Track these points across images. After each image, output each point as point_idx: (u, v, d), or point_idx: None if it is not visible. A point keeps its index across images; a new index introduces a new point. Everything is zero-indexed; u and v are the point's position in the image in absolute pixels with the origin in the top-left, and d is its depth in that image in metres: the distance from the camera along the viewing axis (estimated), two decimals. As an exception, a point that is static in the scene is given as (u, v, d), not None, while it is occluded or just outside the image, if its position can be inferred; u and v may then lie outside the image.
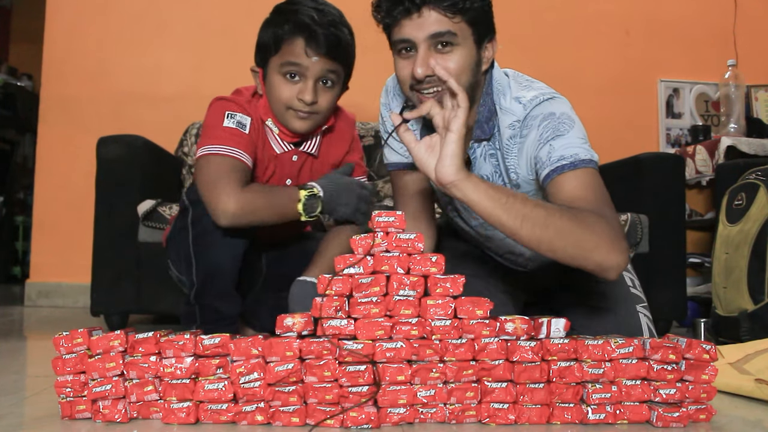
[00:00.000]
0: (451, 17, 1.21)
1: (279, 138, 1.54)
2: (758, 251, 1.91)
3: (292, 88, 1.45)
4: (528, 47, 3.06)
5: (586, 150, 1.23)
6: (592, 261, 1.12)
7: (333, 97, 1.50)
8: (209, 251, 1.45)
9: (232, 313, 1.50)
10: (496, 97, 1.33)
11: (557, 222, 1.09)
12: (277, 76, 1.46)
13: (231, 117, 1.46)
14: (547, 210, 1.10)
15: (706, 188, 3.11)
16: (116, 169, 2.14)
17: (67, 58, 3.03)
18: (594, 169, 1.22)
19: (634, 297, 1.45)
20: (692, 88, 3.22)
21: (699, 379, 1.03)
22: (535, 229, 1.09)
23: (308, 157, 1.60)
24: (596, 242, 1.10)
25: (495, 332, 1.02)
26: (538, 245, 1.11)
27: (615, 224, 1.15)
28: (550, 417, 1.02)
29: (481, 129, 1.34)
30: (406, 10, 1.21)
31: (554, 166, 1.21)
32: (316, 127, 1.54)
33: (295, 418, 1.00)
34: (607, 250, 1.11)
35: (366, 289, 1.02)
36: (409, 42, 1.24)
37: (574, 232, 1.09)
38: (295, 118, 1.48)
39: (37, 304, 2.98)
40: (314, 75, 1.44)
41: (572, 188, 1.19)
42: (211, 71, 3.01)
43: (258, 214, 1.40)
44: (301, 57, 1.43)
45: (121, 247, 2.12)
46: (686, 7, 3.23)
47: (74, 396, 1.03)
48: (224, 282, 1.48)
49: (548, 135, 1.25)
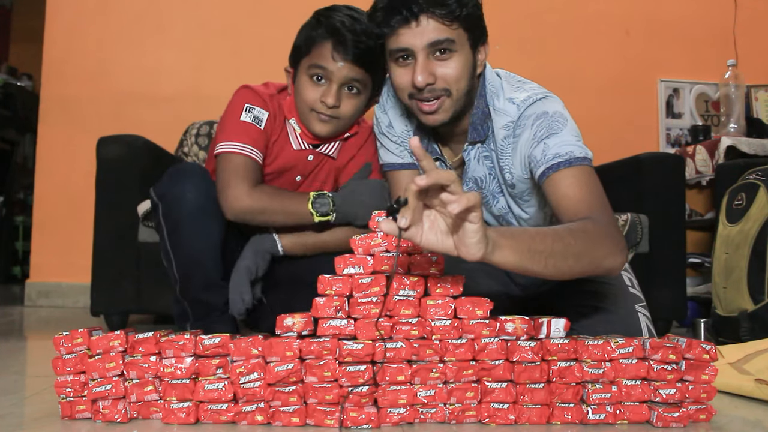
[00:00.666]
0: (448, 24, 1.22)
1: (299, 137, 1.56)
2: (758, 251, 1.91)
3: (317, 90, 1.47)
4: (528, 47, 3.06)
5: (581, 147, 1.24)
6: (603, 269, 1.14)
7: (357, 104, 1.51)
8: (185, 244, 1.46)
9: (221, 302, 1.50)
10: (490, 98, 1.34)
11: (574, 249, 1.09)
12: (305, 77, 1.49)
13: (249, 111, 1.50)
14: (563, 241, 1.08)
15: (706, 188, 3.11)
16: (116, 169, 2.14)
17: (67, 58, 3.03)
18: (589, 167, 1.23)
19: (633, 297, 1.45)
20: (692, 88, 3.22)
21: (699, 379, 1.03)
22: (557, 264, 1.06)
23: (326, 159, 1.61)
24: (605, 252, 1.12)
25: (495, 332, 1.02)
26: (561, 275, 1.10)
27: (613, 226, 1.18)
28: (550, 417, 1.02)
29: (476, 131, 1.35)
30: (404, 18, 1.22)
31: (549, 164, 1.22)
32: (337, 134, 1.55)
33: (295, 418, 1.00)
34: (613, 256, 1.13)
35: (366, 289, 1.02)
36: (407, 50, 1.25)
37: (588, 251, 1.10)
38: (316, 120, 1.50)
39: (37, 304, 2.98)
40: (339, 80, 1.46)
41: (568, 186, 1.21)
42: (211, 71, 3.01)
43: (268, 213, 1.46)
44: (328, 60, 1.45)
45: (121, 247, 2.12)
46: (686, 7, 3.22)
47: (74, 396, 1.03)
48: (205, 273, 1.48)
49: (542, 134, 1.26)
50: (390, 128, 1.48)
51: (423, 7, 1.21)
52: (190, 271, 1.47)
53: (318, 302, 1.02)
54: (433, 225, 0.93)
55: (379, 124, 1.50)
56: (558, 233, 1.10)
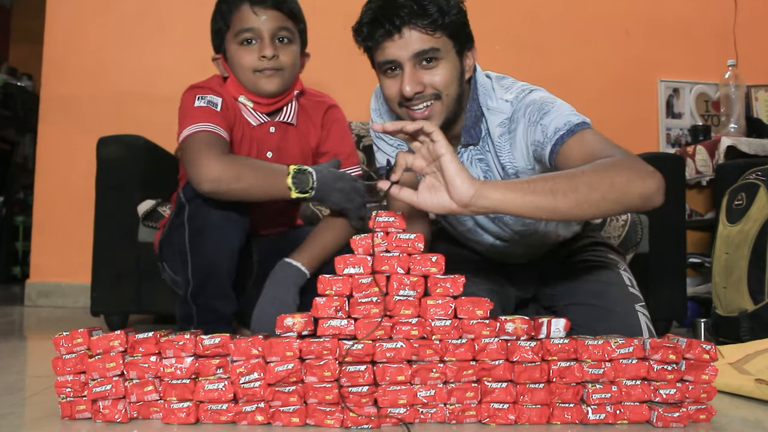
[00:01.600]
0: (431, 33, 1.24)
1: (253, 111, 1.57)
2: (758, 251, 1.91)
3: (252, 52, 1.52)
4: (528, 48, 3.06)
5: (576, 115, 1.23)
6: (635, 195, 1.08)
7: (293, 53, 1.56)
8: (206, 249, 1.45)
9: (229, 312, 1.50)
10: (482, 99, 1.36)
11: (583, 179, 1.06)
12: (234, 46, 1.54)
13: (201, 98, 1.50)
14: (567, 175, 1.08)
15: (706, 188, 3.11)
16: (116, 169, 2.14)
17: (67, 58, 3.03)
18: (591, 129, 1.22)
19: (633, 296, 1.45)
20: (692, 88, 3.22)
21: (699, 379, 1.03)
22: (568, 195, 1.04)
23: (287, 127, 1.62)
24: (627, 176, 1.07)
25: (495, 332, 1.02)
26: (580, 210, 1.06)
27: (632, 156, 1.13)
28: (550, 417, 1.02)
29: (469, 134, 1.37)
30: (387, 32, 1.23)
31: (554, 140, 1.22)
32: (286, 87, 1.57)
33: (295, 418, 1.00)
34: (640, 179, 1.08)
35: (366, 289, 1.02)
36: (393, 62, 1.26)
37: (603, 178, 1.06)
38: (263, 79, 1.53)
39: (37, 304, 2.98)
40: (269, 32, 1.51)
41: (578, 151, 1.18)
42: (211, 71, 2.98)
43: (243, 180, 1.36)
44: (251, 19, 1.50)
45: (121, 247, 2.12)
46: (686, 7, 3.23)
47: (74, 396, 1.03)
48: (221, 281, 1.47)
49: (536, 117, 1.26)
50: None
51: (405, 20, 1.22)
52: (207, 277, 1.46)
53: (318, 302, 1.02)
54: (429, 187, 1.07)
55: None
56: (561, 171, 1.10)
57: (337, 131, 1.68)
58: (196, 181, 1.36)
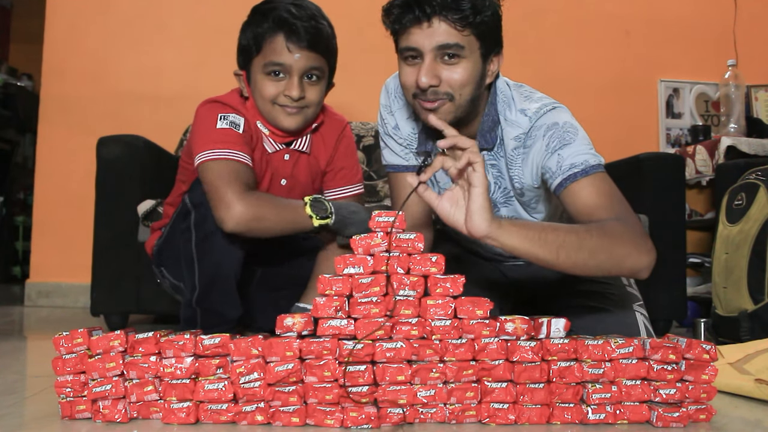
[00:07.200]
0: (460, 30, 1.22)
1: (270, 139, 1.53)
2: (758, 251, 1.91)
3: (277, 86, 1.45)
4: (528, 48, 3.06)
5: (594, 155, 1.25)
6: (626, 268, 1.16)
7: (320, 91, 1.50)
8: (213, 255, 1.43)
9: (234, 316, 1.48)
10: (501, 107, 1.34)
11: (589, 242, 1.12)
12: (260, 75, 1.46)
13: (224, 118, 1.44)
14: (578, 234, 1.13)
15: (706, 188, 3.11)
16: (116, 169, 2.14)
17: (67, 58, 3.03)
18: (604, 173, 1.25)
19: (631, 296, 1.46)
20: (692, 88, 3.22)
21: (699, 379, 1.03)
22: (570, 255, 1.11)
23: (300, 154, 1.59)
24: (626, 251, 1.13)
25: (495, 332, 1.02)
26: (574, 269, 1.14)
27: (637, 227, 1.18)
28: (550, 417, 1.02)
29: (484, 138, 1.35)
30: (417, 18, 1.22)
31: (566, 175, 1.23)
32: (306, 124, 1.53)
33: (295, 418, 1.00)
34: (637, 255, 1.14)
35: (366, 289, 1.02)
36: (416, 50, 1.24)
37: (605, 247, 1.12)
38: (283, 114, 1.47)
39: (37, 304, 2.98)
40: (299, 71, 1.44)
41: (588, 195, 1.22)
42: (211, 71, 3.00)
43: (266, 219, 1.37)
44: (284, 54, 1.43)
45: (121, 247, 2.12)
46: (686, 7, 3.23)
47: (74, 396, 1.03)
48: (227, 285, 1.46)
49: (555, 144, 1.26)
50: (396, 130, 1.47)
51: (436, 9, 1.20)
52: (215, 282, 1.44)
53: (318, 302, 1.02)
54: (452, 197, 1.11)
55: (385, 125, 1.49)
56: (573, 227, 1.15)
57: (345, 148, 1.66)
58: (219, 220, 1.35)
